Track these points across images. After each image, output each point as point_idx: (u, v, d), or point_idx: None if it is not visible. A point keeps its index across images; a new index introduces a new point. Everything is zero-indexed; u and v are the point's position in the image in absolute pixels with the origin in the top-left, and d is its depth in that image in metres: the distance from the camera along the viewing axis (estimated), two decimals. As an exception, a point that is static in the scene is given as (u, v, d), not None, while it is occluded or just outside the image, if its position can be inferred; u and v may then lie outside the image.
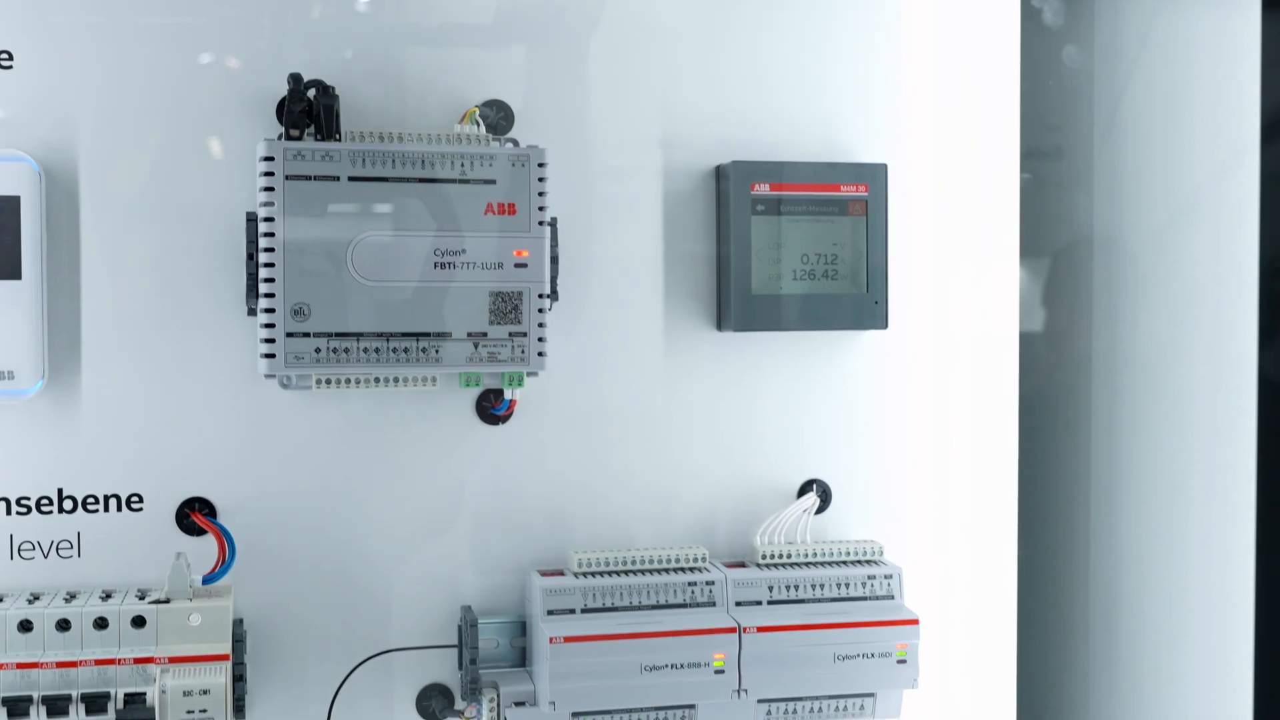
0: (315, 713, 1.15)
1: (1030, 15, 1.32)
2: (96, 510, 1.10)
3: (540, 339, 1.09)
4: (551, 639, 1.09)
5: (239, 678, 1.06)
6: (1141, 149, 1.32)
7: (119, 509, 1.11)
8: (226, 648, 1.04)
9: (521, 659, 1.16)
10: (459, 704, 1.16)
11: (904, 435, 1.25)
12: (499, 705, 1.11)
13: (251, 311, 1.08)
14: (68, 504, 1.10)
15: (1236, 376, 1.19)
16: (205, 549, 1.10)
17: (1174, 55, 1.28)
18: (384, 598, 1.16)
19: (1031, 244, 1.32)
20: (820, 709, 1.17)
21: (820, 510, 1.23)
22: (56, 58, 1.07)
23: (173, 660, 1.02)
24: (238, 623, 1.08)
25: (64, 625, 1.02)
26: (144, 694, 1.01)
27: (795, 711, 1.16)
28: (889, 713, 1.19)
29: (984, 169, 1.25)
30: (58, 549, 1.10)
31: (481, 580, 1.17)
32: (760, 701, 1.15)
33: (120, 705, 1.01)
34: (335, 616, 1.15)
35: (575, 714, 1.12)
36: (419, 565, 1.16)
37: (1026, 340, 1.30)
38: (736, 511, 1.21)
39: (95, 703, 1.01)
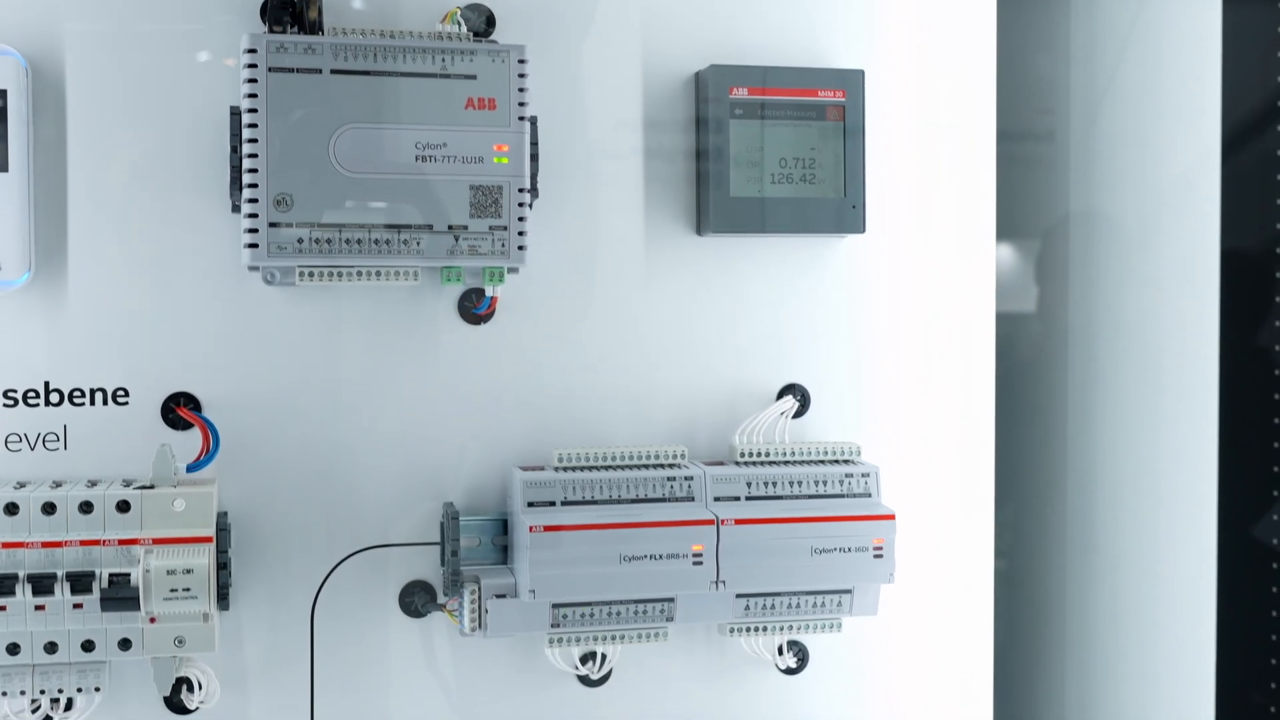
0: (299, 607, 1.16)
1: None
2: (83, 404, 1.12)
3: (520, 233, 1.11)
4: (531, 528, 1.10)
5: (223, 565, 1.07)
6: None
7: (105, 403, 1.12)
8: (210, 531, 1.05)
9: (503, 557, 1.17)
10: (441, 599, 1.17)
11: (883, 341, 1.26)
12: (480, 598, 1.13)
13: (236, 208, 1.09)
14: (54, 397, 1.11)
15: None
16: (190, 444, 1.12)
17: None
18: (367, 495, 1.17)
19: (1008, 149, 1.33)
20: (798, 604, 1.18)
21: (799, 415, 1.24)
22: (43, -46, 1.09)
23: (157, 541, 1.04)
24: (222, 515, 1.09)
25: (49, 509, 1.04)
26: (128, 574, 1.02)
27: (773, 607, 1.18)
28: (866, 610, 1.20)
29: (961, 75, 1.27)
30: (44, 442, 1.11)
31: (464, 478, 1.18)
32: (739, 596, 1.17)
33: (105, 585, 1.02)
34: (318, 513, 1.16)
35: (555, 605, 1.13)
36: (402, 463, 1.17)
37: (1004, 247, 1.32)
38: (716, 415, 1.23)
39: (80, 582, 1.02)
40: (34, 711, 1.08)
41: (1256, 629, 1.18)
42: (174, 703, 1.14)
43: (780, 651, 1.23)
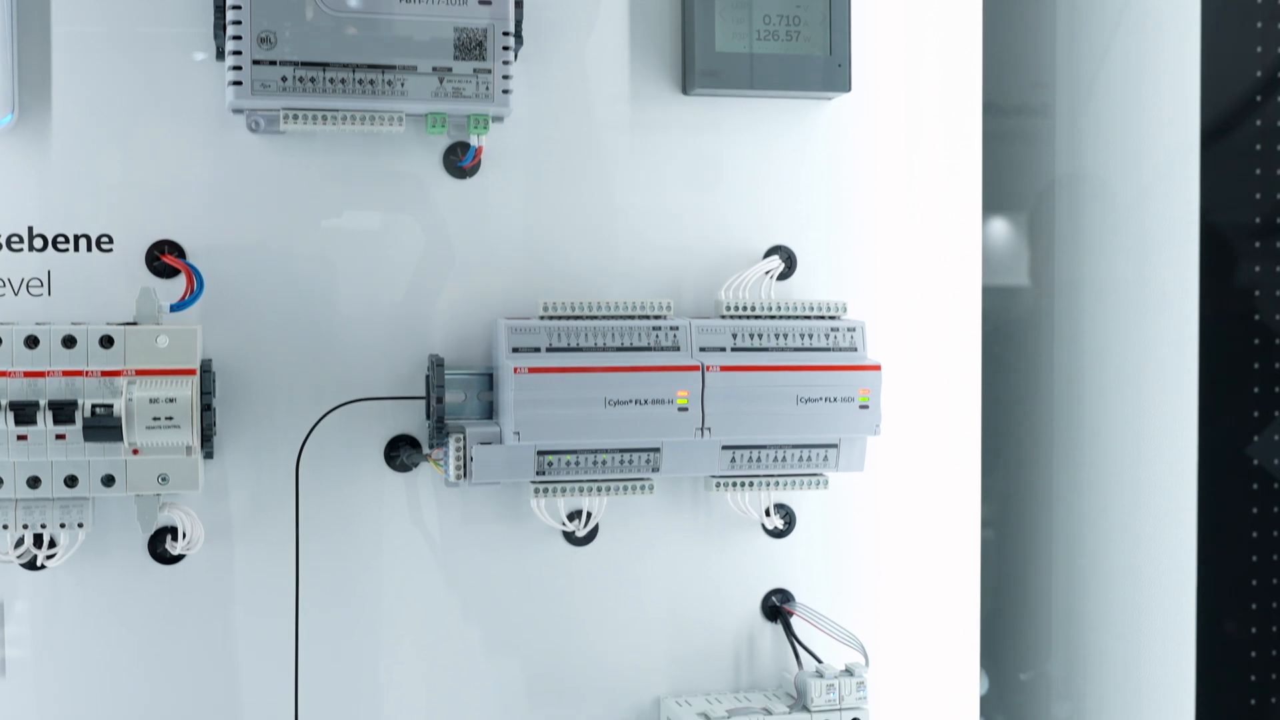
0: (283, 459, 1.16)
1: None
2: (67, 250, 1.11)
3: (505, 76, 1.11)
4: (516, 369, 1.10)
5: (207, 407, 1.07)
6: None
7: (89, 249, 1.12)
8: (194, 365, 1.05)
9: (489, 412, 1.17)
10: (426, 451, 1.17)
11: (869, 204, 1.26)
12: (465, 446, 1.12)
13: (220, 54, 1.09)
14: (38, 242, 1.11)
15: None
16: (174, 293, 1.12)
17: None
18: (352, 348, 1.17)
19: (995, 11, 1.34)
20: (784, 458, 1.18)
21: (785, 277, 1.24)
22: None
23: (140, 372, 1.03)
24: (206, 361, 1.09)
25: (32, 342, 1.04)
26: (111, 405, 1.02)
27: (759, 460, 1.18)
28: (853, 465, 1.20)
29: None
30: (28, 287, 1.11)
31: (449, 333, 1.18)
32: (725, 448, 1.17)
33: (87, 414, 1.02)
34: (303, 365, 1.16)
35: (540, 452, 1.13)
36: (387, 317, 1.17)
37: (990, 106, 1.32)
38: (701, 274, 1.23)
39: (62, 411, 1.02)
40: (18, 550, 1.08)
41: (1236, 564, 1.18)
42: (158, 553, 1.14)
43: (768, 514, 1.23)
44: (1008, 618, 1.43)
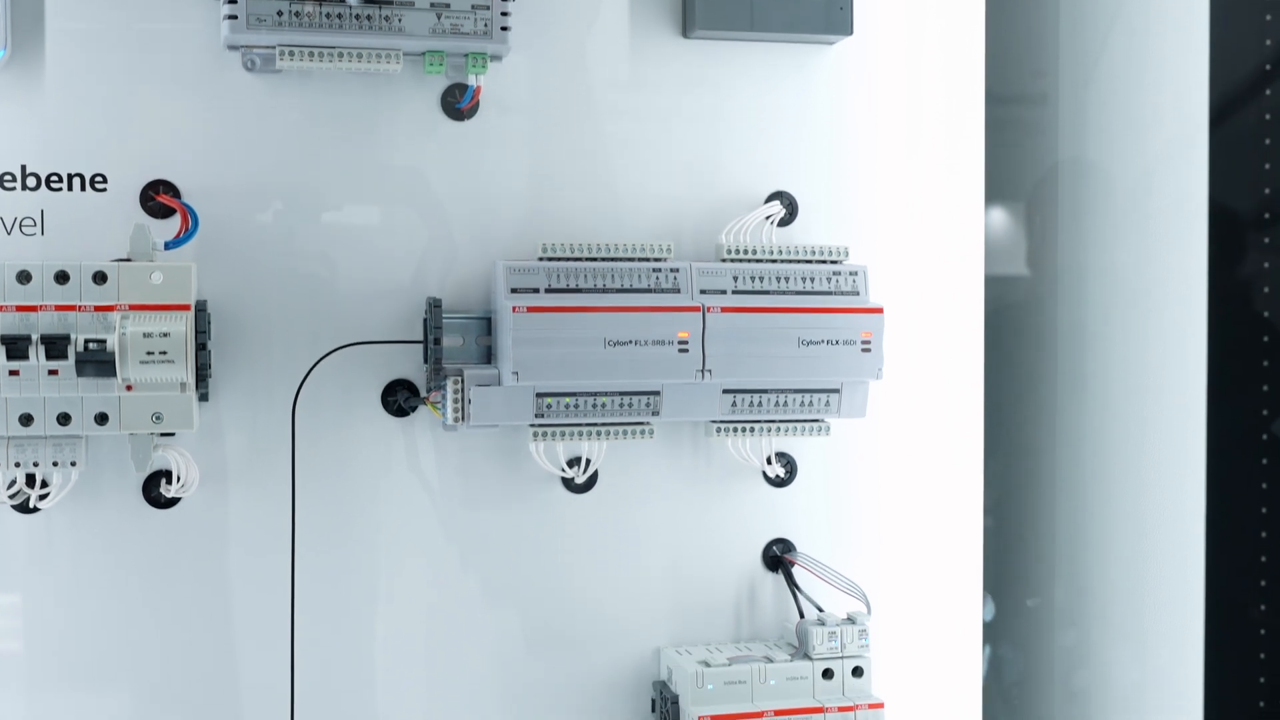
0: (279, 403, 1.15)
1: None
2: (60, 189, 1.10)
3: (504, 14, 1.10)
4: (515, 308, 1.09)
5: (202, 346, 1.06)
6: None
7: (83, 189, 1.10)
8: (189, 301, 1.04)
9: (487, 356, 1.16)
10: (424, 394, 1.15)
11: (871, 151, 1.25)
12: (464, 387, 1.11)
13: (216, -9, 1.08)
14: (31, 181, 1.10)
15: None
16: (170, 232, 1.10)
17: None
18: (349, 292, 1.15)
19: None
20: (785, 402, 1.17)
21: (786, 223, 1.23)
22: None
23: (134, 307, 1.02)
24: (201, 302, 1.08)
25: (24, 277, 1.02)
26: (104, 340, 1.01)
27: (760, 404, 1.16)
28: (854, 411, 1.19)
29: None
30: (21, 226, 1.09)
31: (448, 277, 1.17)
32: (725, 392, 1.15)
33: (80, 348, 1.00)
34: (299, 309, 1.15)
35: (539, 394, 1.12)
36: (385, 260, 1.16)
37: (993, 44, 1.31)
38: (701, 220, 1.21)
39: (55, 346, 1.00)
40: (10, 490, 1.06)
41: (1245, 537, 1.17)
42: (152, 496, 1.12)
43: (769, 462, 1.22)
44: (1013, 544, 1.41)
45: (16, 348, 1.00)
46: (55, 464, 1.05)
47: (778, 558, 1.24)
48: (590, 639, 1.21)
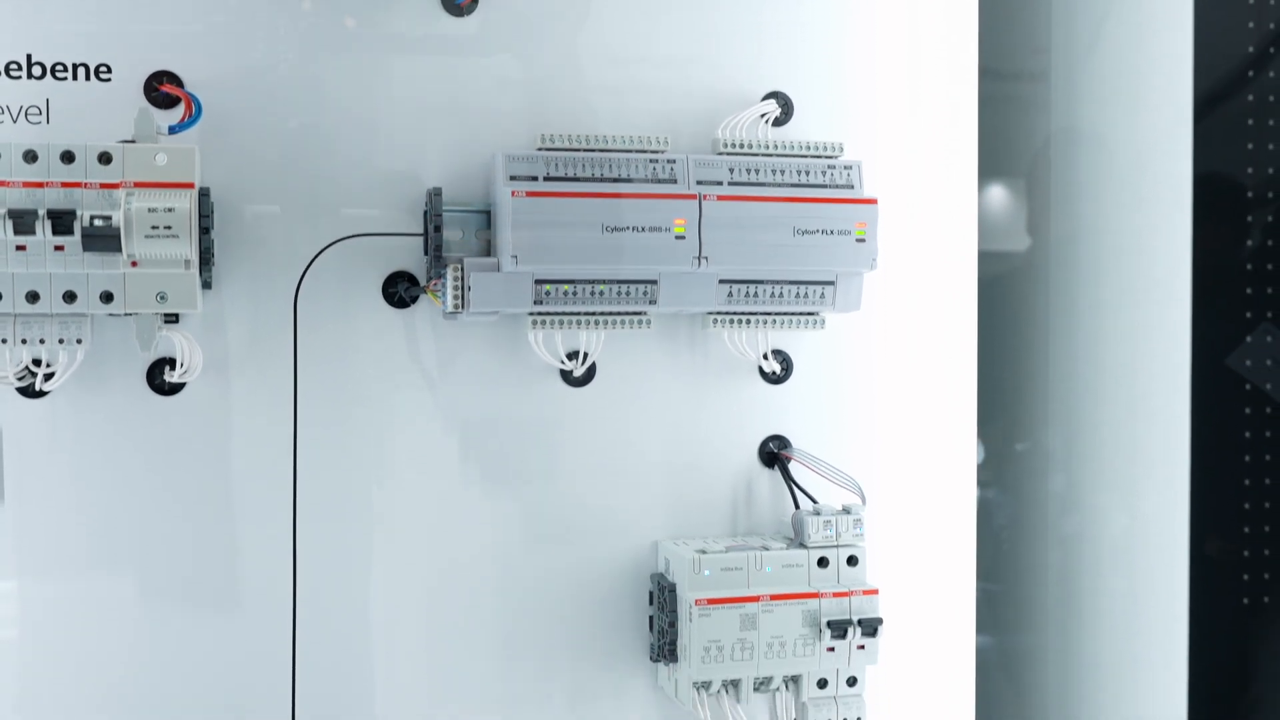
0: (281, 293, 1.16)
1: None
2: (65, 79, 1.11)
3: (502, -96, 1.11)
4: (514, 193, 1.10)
5: (205, 230, 1.07)
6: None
7: (87, 78, 1.12)
8: (193, 179, 1.05)
9: (487, 250, 1.17)
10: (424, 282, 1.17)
11: (869, 51, 1.26)
12: (463, 274, 1.13)
13: (218, -117, 1.10)
14: (36, 70, 1.11)
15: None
16: (173, 121, 1.12)
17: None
18: (350, 185, 1.17)
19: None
20: (781, 294, 1.18)
21: (781, 123, 1.24)
22: None
23: (138, 185, 1.04)
24: (205, 189, 1.09)
25: (30, 157, 1.03)
26: (110, 216, 1.02)
27: (756, 295, 1.18)
28: (849, 305, 1.20)
29: None
30: (26, 114, 1.11)
31: (448, 171, 1.18)
32: (722, 282, 1.17)
33: (86, 224, 1.02)
34: (301, 201, 1.16)
35: (538, 280, 1.13)
36: (384, 154, 1.17)
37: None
38: (697, 118, 1.22)
39: (61, 221, 1.02)
40: (16, 370, 1.08)
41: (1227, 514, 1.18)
42: (156, 383, 1.14)
43: (765, 358, 1.23)
44: (1003, 388, 1.42)
45: (23, 222, 1.01)
46: (61, 341, 1.06)
47: (774, 454, 1.26)
48: (588, 532, 1.23)
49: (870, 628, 1.17)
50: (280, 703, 1.17)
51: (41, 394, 1.11)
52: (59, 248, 1.03)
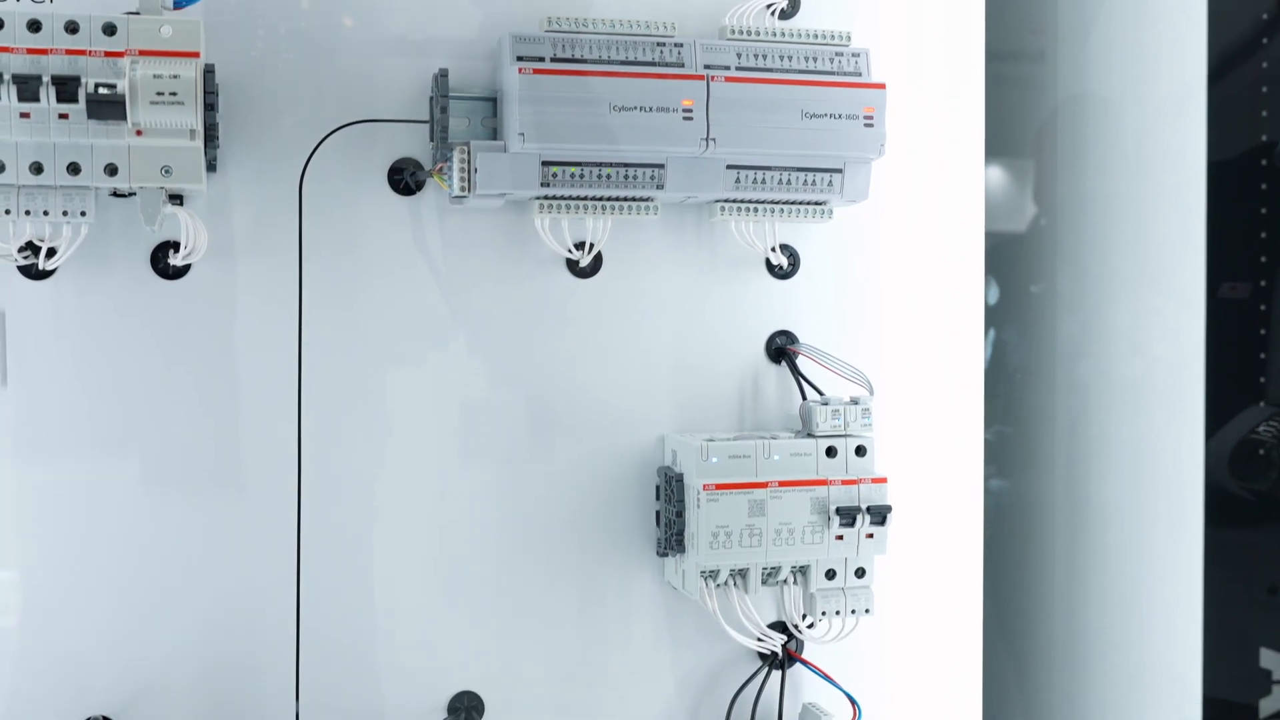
0: (286, 178, 1.15)
1: None
2: (68, -43, 1.11)
3: None
4: (520, 70, 1.10)
5: (210, 106, 1.07)
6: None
7: (91, -42, 1.11)
8: (198, 49, 1.04)
9: (494, 137, 1.17)
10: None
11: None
12: (470, 157, 1.12)
13: None
14: (40, -52, 1.10)
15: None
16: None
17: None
18: (356, 71, 1.16)
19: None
20: (789, 181, 1.18)
21: (787, 16, 1.24)
22: None
23: (143, 53, 1.03)
24: (210, 67, 1.08)
25: (34, 26, 1.02)
26: (114, 84, 1.01)
27: (764, 182, 1.17)
28: (857, 193, 1.20)
29: None
30: (30, -6, 1.10)
31: (455, 59, 1.17)
32: (729, 168, 1.16)
33: (91, 90, 1.01)
34: (306, 86, 1.15)
35: (545, 162, 1.12)
36: (390, 39, 1.17)
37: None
38: (704, 16, 1.22)
39: (65, 87, 1.01)
40: (20, 246, 1.07)
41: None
42: (160, 267, 1.13)
43: (772, 251, 1.23)
44: (1017, 233, 1.40)
45: (27, 88, 1.00)
46: (65, 214, 1.05)
47: (781, 350, 1.25)
48: (594, 426, 1.22)
49: (879, 515, 1.16)
50: (285, 589, 1.16)
51: (45, 275, 1.10)
52: (63, 116, 1.02)
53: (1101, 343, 1.24)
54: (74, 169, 1.04)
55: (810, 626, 1.20)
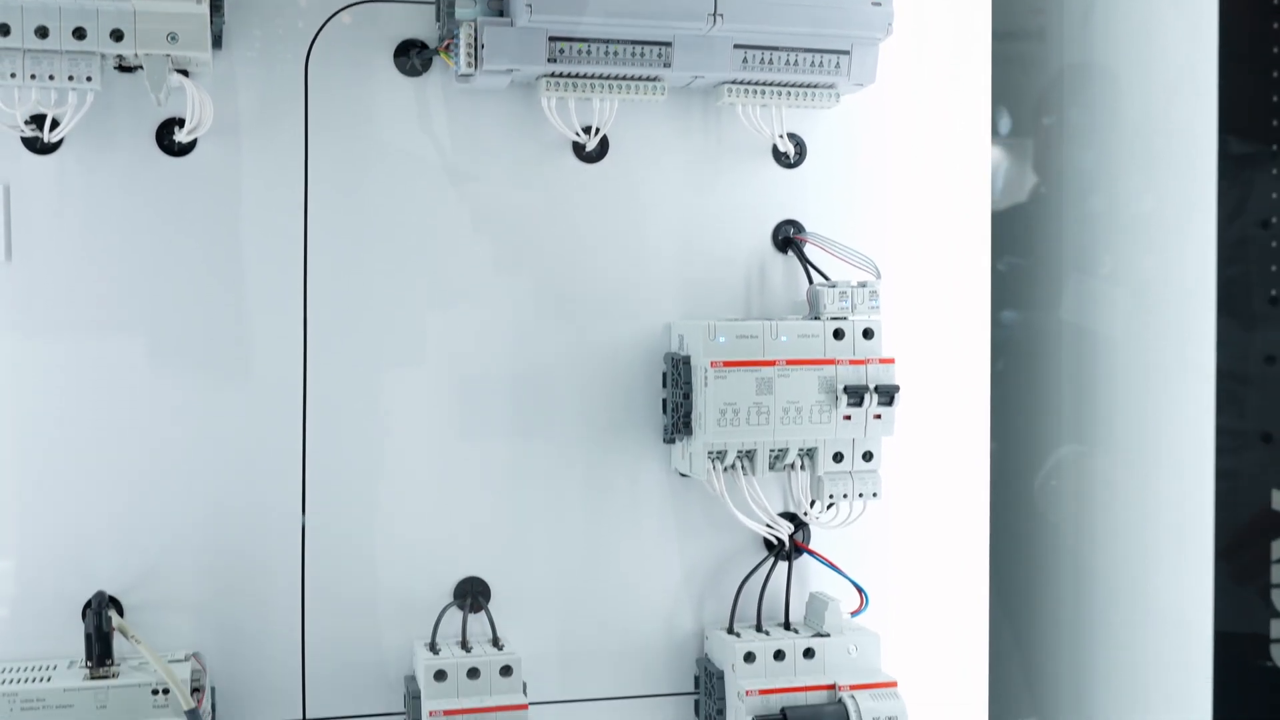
0: (292, 57, 1.15)
1: None
2: None
3: None
4: (527, -62, 1.09)
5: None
6: None
7: None
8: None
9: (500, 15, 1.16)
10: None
11: None
12: (477, 33, 1.11)
13: None
14: None
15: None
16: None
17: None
18: (362, -49, 1.16)
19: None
20: (796, 62, 1.17)
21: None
22: None
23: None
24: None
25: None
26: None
27: (771, 62, 1.17)
28: (864, 76, 1.19)
29: None
30: None
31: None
32: (736, 47, 1.16)
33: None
34: (313, -35, 1.15)
35: (552, 37, 1.12)
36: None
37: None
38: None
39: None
40: (24, 112, 1.07)
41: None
42: (165, 144, 1.13)
43: (779, 138, 1.22)
44: (1024, 65, 1.38)
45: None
46: (71, 79, 1.04)
47: (788, 239, 1.25)
48: (601, 313, 1.22)
49: (886, 395, 1.16)
50: (290, 472, 1.16)
51: (50, 149, 1.10)
52: (67, -28, 1.01)
53: (1111, 178, 1.23)
54: (79, 34, 1.03)
55: (820, 509, 1.20)
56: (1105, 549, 1.30)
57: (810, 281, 1.22)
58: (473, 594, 1.19)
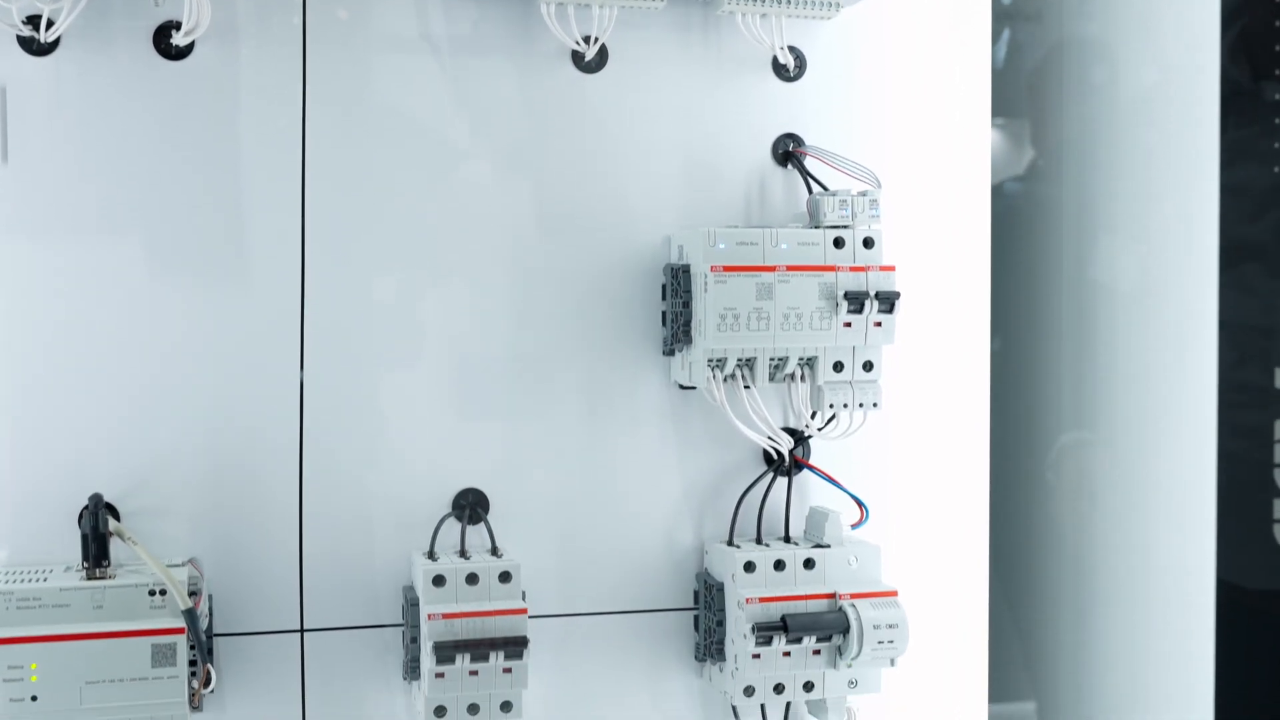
0: (291, -38, 1.15)
1: None
2: None
3: None
4: None
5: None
6: None
7: None
8: None
9: (498, -73, 1.16)
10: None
11: None
12: (475, -64, 1.11)
13: None
14: None
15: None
16: None
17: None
18: None
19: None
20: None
21: None
22: None
23: None
24: None
25: None
26: None
27: (771, -32, 1.16)
28: (865, -15, 1.19)
29: None
30: None
31: None
32: (736, -47, 1.15)
33: None
34: None
35: (551, -61, 1.12)
36: None
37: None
38: None
39: None
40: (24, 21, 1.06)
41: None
42: (162, 47, 1.12)
43: (780, 50, 1.22)
44: None
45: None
46: (66, -24, 1.04)
47: (789, 153, 1.24)
48: (600, 224, 1.21)
49: (887, 302, 1.16)
50: (288, 382, 1.15)
51: (46, 51, 1.09)
52: None
53: (1113, 50, 1.23)
54: (76, -74, 1.03)
55: (820, 421, 1.19)
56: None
57: (810, 193, 1.22)
58: (471, 505, 1.18)
